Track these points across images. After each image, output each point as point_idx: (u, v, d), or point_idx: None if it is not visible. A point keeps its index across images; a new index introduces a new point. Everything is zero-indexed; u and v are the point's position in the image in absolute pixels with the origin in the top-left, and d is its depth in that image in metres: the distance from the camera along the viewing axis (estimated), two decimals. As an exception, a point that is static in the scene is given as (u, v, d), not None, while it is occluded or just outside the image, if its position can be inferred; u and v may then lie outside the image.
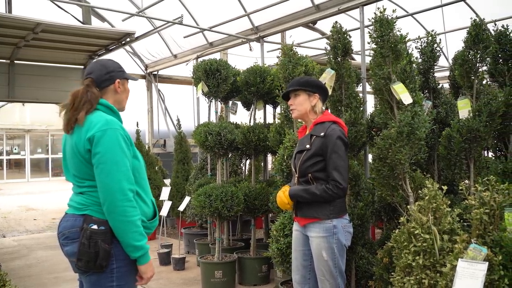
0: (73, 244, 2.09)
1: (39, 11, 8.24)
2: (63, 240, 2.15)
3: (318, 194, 2.80)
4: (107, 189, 2.04)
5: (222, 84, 5.27)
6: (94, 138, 2.06)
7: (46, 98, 8.24)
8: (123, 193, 2.05)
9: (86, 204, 2.13)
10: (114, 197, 2.04)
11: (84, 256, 2.02)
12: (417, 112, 3.09)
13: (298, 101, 3.01)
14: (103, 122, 2.10)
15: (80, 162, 2.12)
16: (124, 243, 2.08)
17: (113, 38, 7.18)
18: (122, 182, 2.05)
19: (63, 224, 2.17)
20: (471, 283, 2.00)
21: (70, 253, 2.12)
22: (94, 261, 2.02)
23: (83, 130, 2.11)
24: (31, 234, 8.53)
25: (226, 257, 5.11)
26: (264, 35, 6.86)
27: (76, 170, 2.16)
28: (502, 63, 3.87)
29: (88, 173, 2.12)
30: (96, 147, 2.06)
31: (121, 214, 2.04)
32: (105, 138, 2.07)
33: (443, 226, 2.44)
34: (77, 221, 2.11)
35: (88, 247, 2.02)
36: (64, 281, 5.25)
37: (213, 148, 5.01)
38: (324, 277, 2.87)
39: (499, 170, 3.48)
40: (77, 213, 2.14)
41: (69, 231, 2.12)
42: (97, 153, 2.06)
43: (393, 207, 3.55)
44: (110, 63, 2.32)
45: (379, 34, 3.23)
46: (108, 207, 2.05)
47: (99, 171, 2.06)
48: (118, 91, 2.29)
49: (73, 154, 2.14)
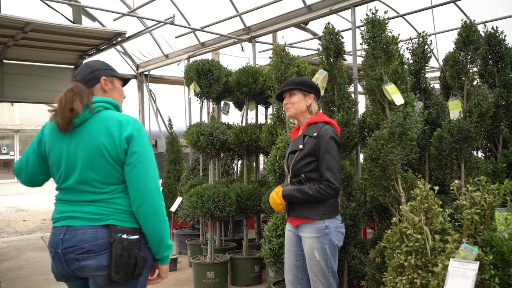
0: (98, 257, 1.97)
1: (29, 10, 8.17)
2: (79, 254, 1.98)
3: (311, 194, 2.81)
4: (147, 188, 2.00)
5: (214, 85, 5.26)
6: (132, 137, 2.02)
7: (35, 98, 8.15)
8: (159, 192, 2.04)
9: (105, 214, 2.01)
10: (153, 196, 2.01)
11: (123, 268, 1.95)
12: (409, 113, 3.11)
13: (294, 100, 3.01)
14: (133, 121, 2.07)
15: (108, 164, 2.01)
16: (160, 242, 2.07)
17: (104, 38, 7.12)
18: (157, 181, 2.05)
19: (75, 238, 1.99)
20: (462, 282, 2.02)
21: (94, 267, 1.98)
22: (132, 272, 1.98)
23: (113, 129, 2.01)
24: (20, 236, 8.45)
25: (218, 257, 5.10)
26: (256, 36, 6.85)
27: (99, 174, 2.02)
28: (492, 65, 3.91)
29: (115, 176, 2.03)
30: (134, 146, 2.01)
31: (160, 213, 2.04)
32: (141, 137, 2.04)
33: (434, 226, 2.46)
34: (100, 232, 1.98)
35: (127, 258, 1.95)
36: (55, 283, 5.21)
37: (205, 148, 5.00)
38: (316, 277, 2.88)
39: (489, 170, 3.52)
40: (95, 224, 2.00)
41: (90, 244, 1.97)
42: (135, 152, 2.01)
43: (385, 207, 3.56)
44: (95, 63, 2.23)
45: (371, 35, 3.24)
46: (146, 208, 2.01)
47: (138, 171, 2.00)
48: (106, 89, 2.19)
49: (96, 155, 2.00)
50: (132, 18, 7.80)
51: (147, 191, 2.01)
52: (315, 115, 3.03)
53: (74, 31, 6.71)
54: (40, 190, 17.28)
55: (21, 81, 8.02)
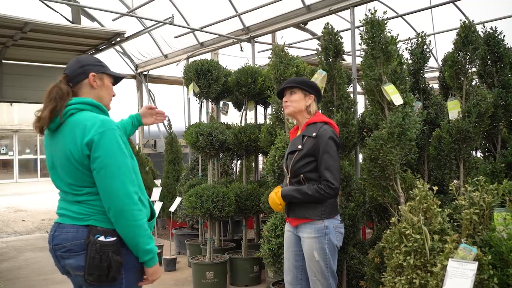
0: (77, 257, 1.96)
1: (28, 10, 8.17)
2: (63, 252, 1.99)
3: (310, 194, 2.81)
4: (113, 193, 1.94)
5: (213, 85, 5.26)
6: (93, 142, 1.93)
7: (34, 98, 8.14)
8: (129, 196, 1.95)
9: (87, 214, 1.99)
10: (121, 201, 1.94)
11: (96, 271, 1.91)
12: (408, 113, 3.11)
13: (294, 98, 3.01)
14: (98, 124, 1.96)
15: (77, 169, 1.98)
16: (134, 247, 2.00)
17: (103, 38, 7.13)
18: (127, 185, 1.96)
19: (61, 235, 2.00)
20: (461, 282, 2.02)
21: (74, 267, 1.98)
22: (106, 275, 1.92)
23: (77, 134, 1.96)
24: (19, 236, 8.44)
25: (217, 257, 5.10)
26: (255, 36, 6.86)
27: (72, 178, 2.00)
28: (491, 65, 3.92)
29: (86, 180, 1.99)
30: (96, 151, 1.93)
31: (130, 218, 1.95)
32: (104, 141, 1.94)
33: (433, 226, 2.46)
34: (80, 232, 1.97)
35: (99, 261, 1.90)
36: (53, 283, 5.20)
37: (204, 148, 5.00)
38: (315, 277, 2.88)
39: (488, 171, 3.52)
40: (77, 223, 1.99)
41: (71, 243, 1.97)
42: (98, 157, 1.94)
43: (384, 208, 3.57)
44: (86, 58, 2.16)
45: (370, 36, 3.24)
46: (115, 213, 1.95)
47: (102, 176, 1.94)
48: (94, 85, 2.11)
49: (67, 161, 1.98)
50: (131, 18, 7.80)
51: (112, 196, 1.94)
52: (314, 115, 3.03)
53: (73, 31, 6.71)
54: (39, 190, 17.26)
55: (20, 81, 8.02)
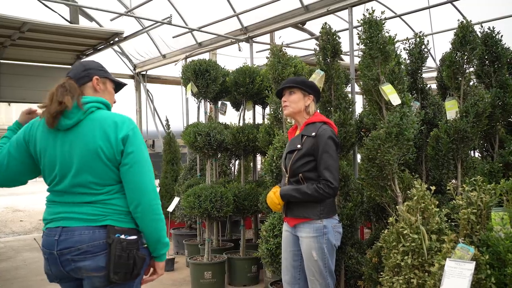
0: (95, 258, 1.95)
1: (26, 10, 8.15)
2: (76, 255, 1.96)
3: (309, 193, 2.80)
4: (143, 188, 2.01)
5: (212, 85, 5.26)
6: (128, 138, 2.01)
7: (33, 98, 8.13)
8: (155, 191, 2.05)
9: (103, 214, 2.00)
10: (150, 196, 2.02)
11: (122, 269, 1.96)
12: (406, 113, 3.11)
13: (293, 98, 3.01)
14: (128, 120, 2.06)
15: (105, 165, 2.00)
16: (157, 241, 2.09)
17: (101, 37, 7.12)
18: (153, 181, 2.05)
19: (72, 238, 1.97)
20: (459, 282, 2.02)
21: (91, 268, 1.96)
22: (131, 272, 1.99)
23: (108, 130, 1.99)
24: (17, 236, 8.43)
25: (215, 257, 5.10)
26: (253, 36, 6.85)
27: (96, 176, 2.00)
28: (489, 65, 3.92)
29: (111, 178, 2.03)
30: (130, 146, 2.00)
31: (156, 213, 2.04)
32: (136, 137, 2.03)
33: (431, 226, 2.46)
34: (97, 233, 1.97)
35: (126, 258, 1.96)
36: (51, 284, 5.19)
37: (202, 148, 4.99)
38: (314, 277, 2.88)
39: (486, 170, 3.53)
40: (92, 224, 1.98)
41: (88, 245, 1.96)
42: (131, 153, 2.00)
43: (382, 207, 3.57)
44: (90, 62, 2.22)
45: (368, 35, 3.25)
46: (144, 208, 2.01)
47: (133, 171, 2.00)
48: (97, 88, 2.15)
49: (93, 158, 1.98)
50: (130, 18, 7.79)
51: (144, 191, 2.01)
52: (313, 115, 3.03)
53: (71, 31, 6.70)
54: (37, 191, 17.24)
55: (18, 81, 8.00)
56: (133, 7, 7.24)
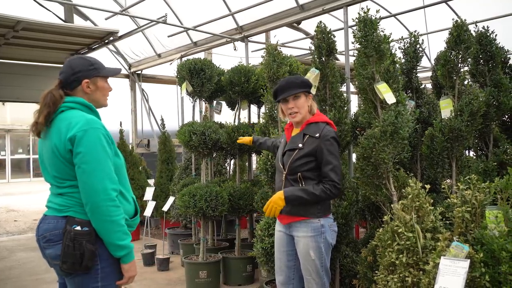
0: (55, 247, 2.06)
1: (20, 8, 8.11)
2: (44, 243, 2.11)
3: (317, 194, 2.76)
4: (90, 189, 2.02)
5: (207, 84, 5.25)
6: (76, 138, 2.04)
7: (27, 97, 8.10)
8: (105, 192, 2.03)
9: (67, 205, 2.10)
10: (97, 197, 2.02)
11: (69, 258, 2.00)
12: (401, 111, 3.12)
13: (300, 103, 2.91)
14: (83, 122, 2.07)
15: (61, 162, 2.09)
16: (108, 242, 2.07)
17: (96, 37, 7.10)
18: (104, 182, 2.04)
19: (43, 226, 2.13)
20: (453, 280, 2.03)
21: (52, 256, 2.09)
22: (79, 263, 2.01)
23: (62, 130, 2.07)
24: (11, 236, 8.38)
25: (210, 257, 5.09)
26: (249, 35, 6.85)
27: (57, 171, 2.12)
28: (483, 64, 3.94)
29: (69, 174, 2.10)
30: (78, 147, 2.04)
31: (104, 214, 2.03)
32: (86, 138, 2.05)
33: (426, 224, 2.46)
34: (59, 223, 2.08)
35: (73, 248, 2.00)
36: (45, 283, 5.17)
37: (197, 147, 4.98)
38: (310, 276, 2.86)
39: (480, 169, 3.54)
40: (58, 214, 2.10)
41: (50, 233, 2.08)
42: (79, 153, 2.04)
43: (377, 206, 3.57)
44: (78, 63, 2.23)
45: (363, 34, 3.25)
46: (91, 207, 2.03)
47: (81, 171, 2.04)
48: (87, 91, 2.22)
49: (52, 155, 2.10)
50: (124, 17, 7.77)
51: (90, 191, 2.03)
52: (315, 114, 2.98)
53: (66, 30, 6.68)
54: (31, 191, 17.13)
55: (12, 80, 7.96)
56: (128, 6, 7.22)
